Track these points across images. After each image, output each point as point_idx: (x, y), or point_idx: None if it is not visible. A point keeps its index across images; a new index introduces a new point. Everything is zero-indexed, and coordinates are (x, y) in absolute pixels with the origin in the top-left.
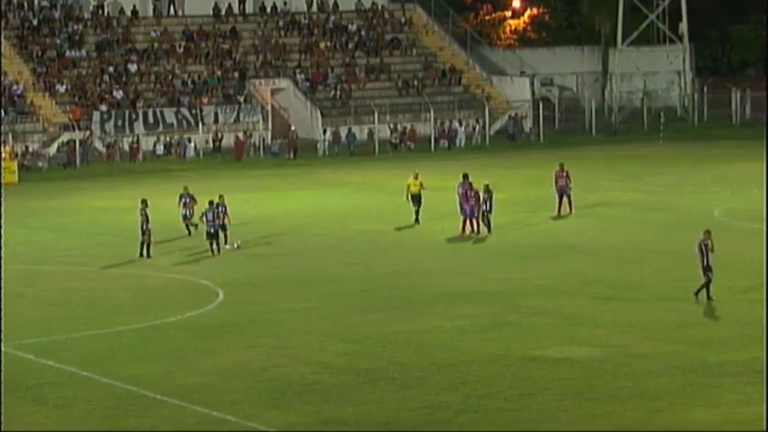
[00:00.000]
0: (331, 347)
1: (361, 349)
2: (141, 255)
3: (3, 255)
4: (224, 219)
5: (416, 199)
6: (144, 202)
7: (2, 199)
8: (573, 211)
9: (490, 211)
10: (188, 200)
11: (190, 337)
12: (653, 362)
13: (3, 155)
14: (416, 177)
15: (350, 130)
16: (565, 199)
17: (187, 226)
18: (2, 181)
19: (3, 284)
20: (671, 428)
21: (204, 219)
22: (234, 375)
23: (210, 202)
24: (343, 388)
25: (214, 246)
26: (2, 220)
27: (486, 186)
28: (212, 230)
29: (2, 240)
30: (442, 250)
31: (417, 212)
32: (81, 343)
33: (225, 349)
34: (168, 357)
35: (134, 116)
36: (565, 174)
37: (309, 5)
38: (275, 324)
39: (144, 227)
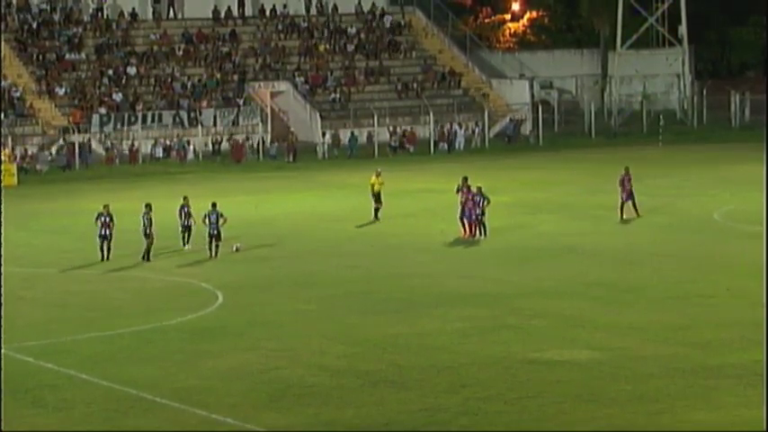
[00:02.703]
0: (331, 350)
1: (360, 351)
2: (144, 258)
3: (2, 257)
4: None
5: (377, 197)
6: (148, 206)
7: (1, 201)
8: (639, 214)
9: (483, 213)
10: (107, 219)
11: (189, 339)
12: (653, 364)
13: (2, 157)
14: (378, 175)
15: (353, 133)
16: (629, 202)
17: (106, 247)
18: (1, 183)
19: (2, 287)
20: (671, 430)
21: (207, 221)
22: (234, 377)
23: (213, 204)
24: (343, 390)
25: (213, 247)
26: (1, 223)
27: (479, 189)
28: (215, 232)
29: (1, 242)
30: (442, 252)
31: (377, 210)
32: (81, 345)
33: (225, 351)
34: (168, 360)
35: (133, 119)
36: (629, 178)
37: (309, 8)
38: (275, 326)
39: (147, 231)
